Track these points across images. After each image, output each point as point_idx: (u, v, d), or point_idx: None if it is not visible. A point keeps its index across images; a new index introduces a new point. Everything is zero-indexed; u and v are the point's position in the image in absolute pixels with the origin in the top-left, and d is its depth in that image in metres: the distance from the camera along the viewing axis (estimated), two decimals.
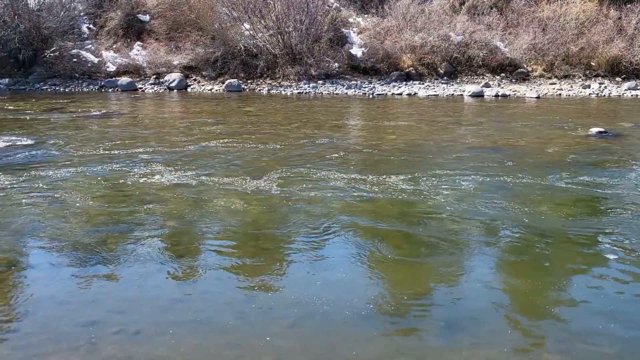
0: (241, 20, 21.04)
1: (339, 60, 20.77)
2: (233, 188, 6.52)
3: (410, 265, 4.59)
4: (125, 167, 7.57)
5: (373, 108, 15.28)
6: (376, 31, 21.70)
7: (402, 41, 20.55)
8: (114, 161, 7.95)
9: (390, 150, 9.04)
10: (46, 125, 11.57)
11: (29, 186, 6.63)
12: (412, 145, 9.58)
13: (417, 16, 21.45)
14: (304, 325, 3.57)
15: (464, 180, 6.92)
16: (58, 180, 6.90)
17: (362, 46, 21.43)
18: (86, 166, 7.62)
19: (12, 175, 7.12)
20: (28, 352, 3.23)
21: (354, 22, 23.00)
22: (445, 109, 15.05)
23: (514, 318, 3.74)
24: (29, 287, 4.16)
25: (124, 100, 17.08)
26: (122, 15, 22.05)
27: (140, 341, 3.34)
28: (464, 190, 6.50)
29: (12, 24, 19.94)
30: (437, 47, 20.47)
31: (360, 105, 16.21)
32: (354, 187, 6.57)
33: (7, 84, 19.91)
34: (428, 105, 15.94)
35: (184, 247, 4.91)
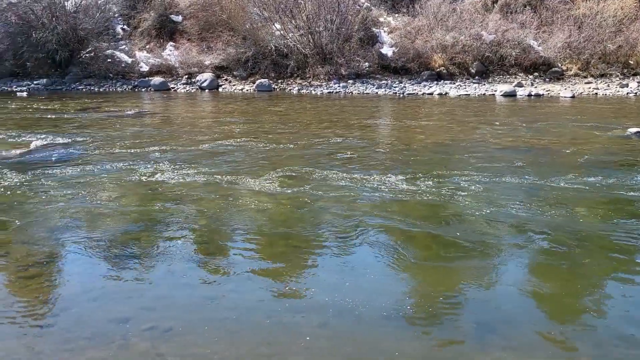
0: (272, 20, 21.14)
1: (369, 59, 20.71)
2: (263, 187, 6.56)
3: (440, 266, 4.55)
4: (157, 165, 7.68)
5: (403, 108, 15.19)
6: (407, 30, 21.56)
7: (433, 40, 20.37)
8: (146, 160, 8.08)
9: (420, 150, 8.97)
10: (81, 124, 11.82)
11: (65, 184, 6.78)
12: (442, 145, 9.48)
13: (448, 15, 21.25)
14: (334, 325, 3.56)
15: (495, 181, 6.83)
16: (92, 178, 7.04)
17: (392, 45, 21.32)
18: (119, 164, 7.76)
19: (49, 173, 7.29)
20: (64, 346, 3.30)
21: (385, 21, 22.90)
22: (476, 108, 14.87)
23: (547, 322, 3.67)
24: (65, 282, 4.26)
25: (156, 100, 17.34)
26: (155, 16, 22.39)
27: (172, 338, 3.38)
28: (495, 191, 6.41)
29: (50, 26, 20.43)
30: (468, 46, 20.23)
31: (391, 105, 16.13)
32: (383, 187, 6.54)
33: (44, 84, 20.41)
34: (459, 105, 15.77)
35: (215, 245, 4.96)
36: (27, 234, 5.22)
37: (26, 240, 5.04)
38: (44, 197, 6.28)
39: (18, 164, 7.80)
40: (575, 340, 3.44)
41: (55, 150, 8.82)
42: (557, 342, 3.42)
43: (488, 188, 6.54)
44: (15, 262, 4.53)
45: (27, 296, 4.00)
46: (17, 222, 5.53)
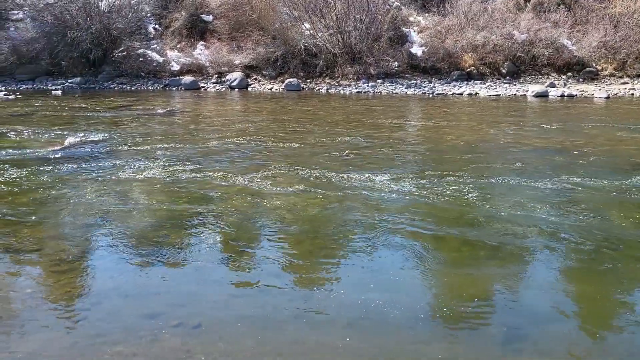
0: (302, 20, 21.19)
1: (398, 59, 20.60)
2: (290, 186, 6.58)
3: (469, 269, 4.50)
4: (187, 163, 7.78)
5: (432, 108, 15.07)
6: (437, 30, 21.38)
7: (464, 40, 20.16)
8: (176, 158, 8.18)
9: (449, 151, 8.89)
10: (113, 122, 12.04)
11: (97, 181, 6.92)
12: (472, 146, 9.38)
13: (479, 14, 21.00)
14: (360, 326, 3.56)
15: (526, 182, 6.72)
16: (123, 175, 7.16)
17: (422, 45, 21.16)
18: (150, 162, 7.87)
19: (81, 169, 7.45)
20: (96, 340, 3.37)
21: (415, 21, 22.75)
22: (507, 109, 14.67)
23: (579, 328, 3.60)
24: (96, 278, 4.34)
25: (187, 98, 17.54)
26: (186, 16, 22.65)
27: (200, 335, 3.42)
28: (526, 193, 6.31)
29: (84, 26, 20.83)
30: (499, 46, 19.96)
31: (420, 104, 16.02)
32: (411, 188, 6.50)
33: (78, 82, 20.83)
34: (489, 105, 15.58)
35: (242, 243, 4.99)
36: (60, 229, 5.35)
37: (59, 236, 5.16)
38: (76, 193, 6.42)
39: (52, 161, 7.98)
40: (607, 346, 3.38)
41: (88, 148, 8.99)
42: (588, 347, 3.35)
43: (518, 190, 6.45)
44: (49, 257, 4.64)
45: (59, 290, 4.09)
46: (51, 217, 5.66)
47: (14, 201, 6.09)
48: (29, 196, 6.27)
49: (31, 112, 13.69)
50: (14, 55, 21.57)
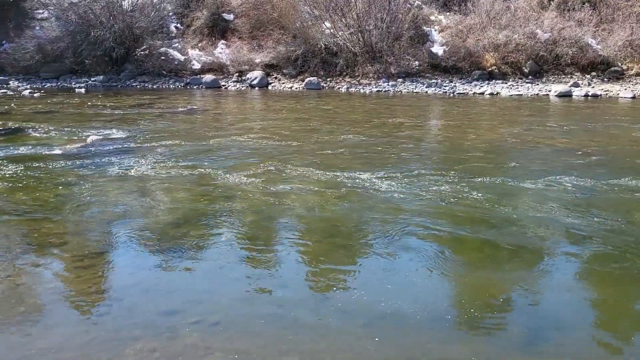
0: (322, 19, 21.19)
1: (419, 58, 20.50)
2: (310, 184, 6.58)
3: (490, 270, 4.45)
4: (207, 161, 7.82)
5: (453, 107, 14.95)
6: (458, 29, 21.23)
7: (485, 39, 19.98)
8: (197, 155, 8.23)
9: (470, 151, 8.81)
10: (135, 120, 12.16)
11: (119, 178, 6.99)
12: (493, 146, 9.29)
13: (501, 13, 20.80)
14: (379, 326, 3.54)
15: (548, 183, 6.63)
16: (145, 172, 7.22)
17: (443, 44, 21.03)
18: (171, 160, 7.93)
19: (104, 166, 7.53)
20: (116, 335, 3.40)
21: (436, 20, 22.62)
22: (529, 109, 14.50)
23: (602, 331, 3.54)
24: (117, 274, 4.39)
25: (207, 97, 17.65)
26: (207, 15, 22.80)
27: (219, 332, 3.43)
28: (548, 195, 6.23)
29: (107, 25, 21.09)
30: (522, 45, 19.74)
31: (440, 104, 15.91)
32: (431, 188, 6.45)
33: (101, 80, 21.10)
34: (511, 105, 15.42)
35: (262, 241, 5.00)
36: (82, 225, 5.41)
37: (81, 232, 5.22)
38: (98, 190, 6.49)
39: (75, 158, 8.08)
40: (630, 350, 3.31)
41: (110, 145, 9.10)
42: (611, 351, 3.29)
43: (541, 190, 6.36)
44: (71, 252, 4.70)
45: (81, 285, 4.14)
46: (73, 214, 5.73)
47: (38, 197, 6.18)
48: (53, 192, 6.37)
49: (55, 110, 13.89)
50: (39, 53, 21.92)
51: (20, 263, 4.48)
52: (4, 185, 6.70)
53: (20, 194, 6.32)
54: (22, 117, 12.52)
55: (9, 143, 9.25)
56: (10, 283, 4.12)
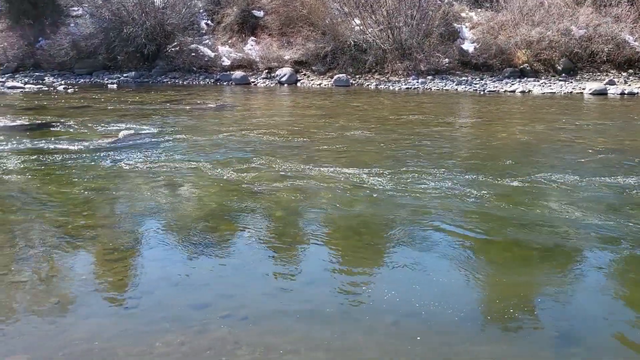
0: (352, 16, 21.12)
1: (449, 55, 20.26)
2: (338, 182, 6.56)
3: (520, 271, 4.38)
4: (237, 157, 7.86)
5: (484, 105, 14.76)
6: (489, 26, 20.91)
7: (517, 36, 19.63)
8: (226, 151, 8.29)
9: (500, 149, 8.68)
10: (166, 115, 12.30)
11: (149, 172, 7.08)
12: (525, 144, 9.13)
13: (535, 10, 20.39)
14: (407, 325, 3.51)
15: (581, 183, 6.49)
16: (174, 167, 7.30)
17: (474, 41, 20.75)
18: (201, 155, 8.00)
19: (135, 161, 7.64)
20: (146, 328, 3.44)
21: (467, 16, 22.32)
22: (562, 107, 14.21)
23: (633, 332, 3.45)
24: (147, 267, 4.44)
25: (237, 93, 17.76)
26: (237, 12, 22.92)
27: (248, 327, 3.45)
28: (581, 195, 6.10)
29: (139, 21, 21.38)
30: (555, 42, 19.33)
31: (470, 101, 15.72)
32: (460, 187, 6.37)
33: (133, 76, 21.39)
34: (543, 103, 15.14)
35: (290, 237, 5.01)
36: (113, 219, 5.50)
37: (112, 225, 5.30)
38: (129, 184, 6.59)
39: (107, 153, 8.21)
40: None
41: (142, 140, 9.22)
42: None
43: (573, 191, 6.23)
44: (103, 245, 4.78)
45: (113, 278, 4.21)
46: (105, 207, 5.84)
47: (71, 191, 6.30)
48: (85, 186, 6.48)
49: (88, 105, 14.14)
50: (74, 50, 22.33)
51: (54, 255, 4.58)
52: (38, 179, 6.85)
53: (54, 187, 6.45)
54: (57, 112, 12.78)
55: (44, 137, 9.45)
56: (44, 274, 4.21)
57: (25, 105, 14.58)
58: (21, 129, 10.57)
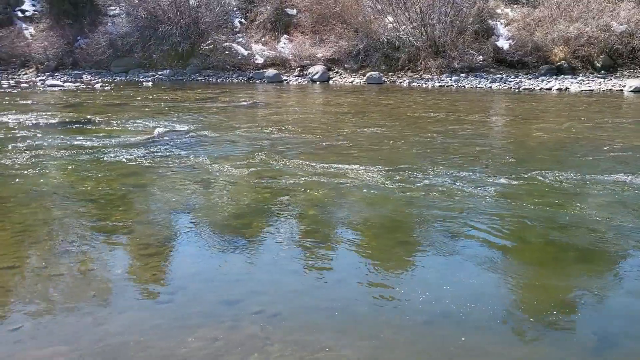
0: (385, 13, 21.01)
1: (483, 53, 19.99)
2: (371, 180, 6.54)
3: (556, 272, 4.29)
4: (270, 154, 7.91)
5: (518, 103, 14.51)
6: (526, 22, 20.54)
7: (555, 32, 19.23)
8: (259, 148, 8.34)
9: (536, 148, 8.53)
10: (200, 113, 12.45)
11: (183, 169, 7.18)
12: (561, 143, 8.95)
13: (573, 5, 19.94)
14: (439, 325, 3.48)
15: (619, 183, 6.32)
16: (208, 164, 7.38)
17: (509, 38, 20.42)
18: (233, 153, 8.08)
19: (169, 158, 7.76)
20: (179, 323, 3.49)
21: (502, 13, 21.96)
22: (600, 105, 13.87)
23: None
24: (180, 262, 4.51)
25: (269, 91, 17.86)
26: (271, 10, 23.04)
27: (279, 324, 3.46)
28: (619, 195, 5.94)
29: (174, 20, 21.69)
30: (594, 38, 18.88)
31: (505, 99, 15.47)
32: (495, 186, 6.28)
33: (167, 74, 21.71)
34: (580, 101, 14.80)
35: (322, 235, 5.02)
36: (148, 214, 5.59)
37: (147, 221, 5.39)
38: (164, 181, 6.69)
39: (142, 149, 8.36)
40: None
41: (176, 137, 9.35)
42: None
43: (611, 191, 6.07)
44: (137, 241, 4.86)
45: (147, 273, 4.28)
46: (140, 203, 5.94)
47: (107, 187, 6.43)
48: (120, 182, 6.60)
49: (124, 103, 14.41)
50: (111, 48, 22.79)
51: (91, 249, 4.68)
52: (75, 174, 7.02)
53: (90, 183, 6.59)
54: (94, 110, 13.06)
55: (82, 135, 9.67)
56: (82, 268, 4.31)
57: (64, 103, 14.94)
58: (60, 126, 10.85)
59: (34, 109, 13.32)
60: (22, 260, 4.47)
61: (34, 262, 4.43)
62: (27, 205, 5.79)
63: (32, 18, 25.78)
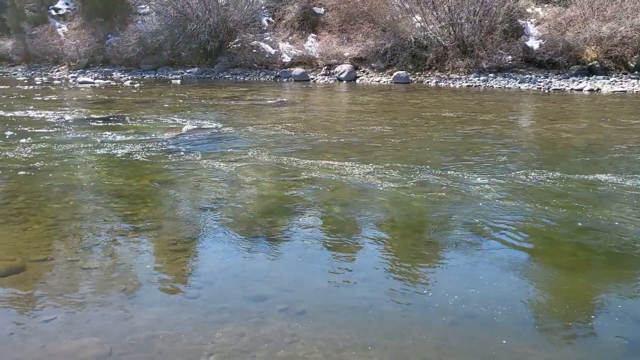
0: (413, 12, 20.90)
1: (512, 52, 19.75)
2: (396, 179, 6.52)
3: (585, 276, 4.22)
4: (296, 152, 7.94)
5: (548, 104, 14.29)
6: (557, 22, 20.22)
7: (587, 32, 18.89)
8: (285, 146, 8.38)
9: (565, 149, 8.40)
10: (227, 111, 12.55)
11: (211, 166, 7.25)
12: (592, 145, 8.79)
13: (606, 4, 19.55)
14: (466, 325, 3.45)
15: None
16: (236, 161, 7.45)
17: (539, 38, 20.14)
18: (261, 150, 8.12)
19: (197, 155, 7.84)
20: (206, 318, 3.53)
21: (532, 12, 21.66)
22: (633, 107, 13.58)
23: None
24: (208, 258, 4.56)
25: (296, 90, 17.91)
26: (298, 9, 23.11)
27: (305, 321, 3.48)
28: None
29: (203, 18, 21.89)
30: (629, 37, 18.49)
31: (534, 100, 15.26)
32: (523, 188, 6.21)
33: (195, 72, 21.94)
34: (613, 102, 14.51)
35: (348, 232, 5.02)
36: (176, 211, 5.66)
37: (175, 217, 5.46)
38: (192, 177, 6.77)
39: (171, 146, 8.47)
40: None
41: (204, 134, 9.45)
42: None
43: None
44: (166, 236, 4.93)
45: (175, 268, 4.34)
46: (169, 199, 6.02)
47: (136, 183, 6.54)
48: (149, 178, 6.71)
49: (153, 100, 14.61)
50: (140, 46, 23.14)
51: (120, 244, 4.76)
52: (105, 170, 7.14)
53: (120, 179, 6.70)
54: (124, 107, 13.28)
55: (112, 131, 9.84)
56: (112, 262, 4.39)
57: (94, 99, 15.22)
58: (90, 123, 11.05)
59: (66, 105, 13.59)
60: (54, 253, 4.57)
61: (66, 255, 4.52)
62: (58, 200, 5.91)
63: (66, 16, 26.30)
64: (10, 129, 10.09)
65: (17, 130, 9.89)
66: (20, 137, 9.17)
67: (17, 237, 4.84)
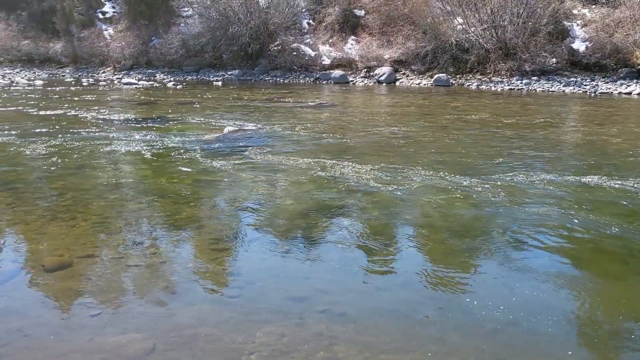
0: (454, 14, 20.67)
1: (557, 55, 19.31)
2: (436, 183, 6.45)
3: (635, 285, 4.09)
4: (336, 154, 7.95)
5: (594, 108, 13.91)
6: (605, 23, 19.68)
7: (637, 34, 18.33)
8: (326, 149, 8.40)
9: (614, 155, 8.15)
10: (268, 112, 12.66)
11: (251, 167, 7.32)
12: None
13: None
14: (507, 333, 3.39)
15: None
16: (276, 163, 7.50)
17: (585, 40, 19.63)
18: (301, 152, 8.16)
19: (238, 156, 7.93)
20: (247, 317, 3.57)
21: (579, 13, 21.14)
22: None
23: None
24: (249, 258, 4.60)
25: (336, 92, 17.92)
26: (339, 11, 23.14)
27: (345, 323, 3.48)
28: None
29: (245, 21, 22.15)
30: None
31: (580, 104, 14.88)
32: (569, 194, 6.06)
33: (236, 74, 22.22)
34: None
35: (388, 236, 5.00)
36: (217, 211, 5.74)
37: (216, 217, 5.54)
38: (233, 178, 6.85)
39: (213, 147, 8.59)
40: None
41: (245, 136, 9.55)
42: None
43: None
44: (207, 236, 5.00)
45: (217, 267, 4.39)
46: (210, 199, 6.10)
47: (178, 183, 6.66)
48: (192, 178, 6.82)
49: (195, 101, 14.85)
50: (183, 48, 23.57)
51: (163, 243, 4.86)
52: (149, 170, 7.30)
53: (163, 179, 6.83)
54: (166, 108, 13.54)
55: (154, 132, 10.05)
56: (155, 261, 4.48)
57: (138, 100, 15.57)
58: (135, 123, 11.30)
59: (111, 106, 13.95)
60: (100, 250, 4.69)
61: (111, 252, 4.64)
62: (104, 198, 6.07)
63: (112, 19, 27.00)
64: (60, 128, 10.41)
65: (65, 130, 10.20)
66: (69, 137, 9.45)
67: (65, 234, 4.99)
